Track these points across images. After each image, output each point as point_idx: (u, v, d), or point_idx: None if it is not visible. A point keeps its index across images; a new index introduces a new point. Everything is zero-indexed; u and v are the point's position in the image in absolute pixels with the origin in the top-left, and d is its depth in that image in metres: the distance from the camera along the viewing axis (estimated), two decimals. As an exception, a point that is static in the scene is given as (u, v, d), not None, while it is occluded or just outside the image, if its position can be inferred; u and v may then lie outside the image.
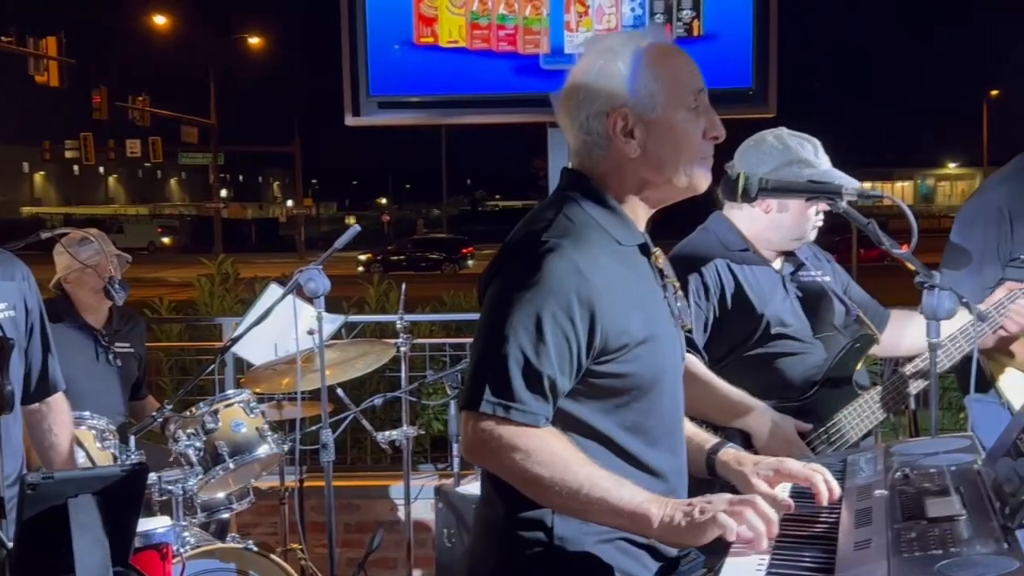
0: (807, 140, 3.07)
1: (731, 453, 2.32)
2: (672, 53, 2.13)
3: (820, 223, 3.13)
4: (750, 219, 3.14)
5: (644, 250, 2.16)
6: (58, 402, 3.28)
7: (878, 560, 1.70)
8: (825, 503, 2.09)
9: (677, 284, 2.25)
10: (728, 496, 1.95)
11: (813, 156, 3.03)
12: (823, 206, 3.05)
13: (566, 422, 2.02)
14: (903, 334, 3.33)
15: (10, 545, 1.97)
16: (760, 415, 2.89)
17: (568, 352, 1.96)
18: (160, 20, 38.91)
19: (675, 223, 3.21)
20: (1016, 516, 1.70)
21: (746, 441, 2.90)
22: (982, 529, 1.72)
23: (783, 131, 3.10)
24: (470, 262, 39.82)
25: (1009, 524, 1.70)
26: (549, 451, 1.94)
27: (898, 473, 2.06)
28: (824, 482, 2.11)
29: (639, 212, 2.16)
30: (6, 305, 3.03)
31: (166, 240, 54.94)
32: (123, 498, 2.08)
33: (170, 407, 3.94)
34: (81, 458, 3.55)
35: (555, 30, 4.83)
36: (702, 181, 2.13)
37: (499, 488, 2.07)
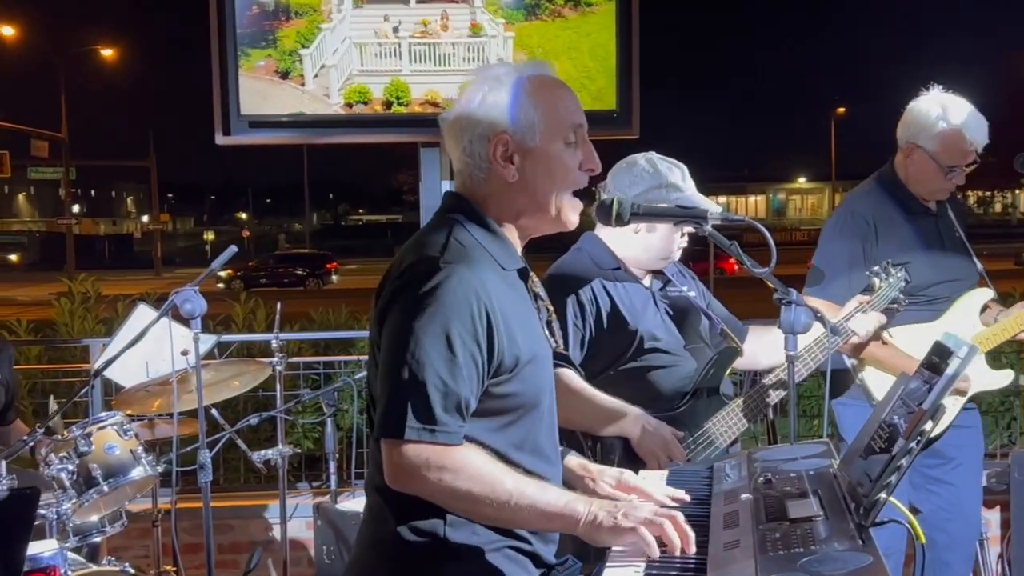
0: (676, 166, 3.26)
1: (575, 460, 2.47)
2: (555, 86, 2.25)
3: (684, 244, 3.32)
4: (621, 240, 3.29)
5: (523, 274, 2.26)
6: None
7: (746, 559, 1.83)
8: (670, 503, 2.25)
9: (551, 307, 2.37)
10: (652, 506, 2.10)
11: (681, 181, 3.22)
12: (689, 229, 3.23)
13: None
14: (762, 348, 3.52)
15: None
16: (636, 420, 3.01)
17: (476, 371, 2.04)
18: (7, 31, 37.48)
19: (547, 242, 3.34)
20: (869, 515, 1.85)
21: (627, 448, 3.03)
22: (839, 528, 1.87)
23: (654, 156, 3.28)
24: (334, 277, 39.42)
25: (863, 523, 1.85)
26: (474, 467, 2.03)
27: (761, 478, 2.21)
28: (662, 492, 2.30)
29: (515, 238, 2.26)
30: None
31: (13, 257, 52.81)
32: (13, 522, 2.08)
33: (41, 431, 3.87)
34: (-51, 485, 3.46)
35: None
36: (572, 215, 2.25)
37: (389, 501, 2.12)
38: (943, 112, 3.78)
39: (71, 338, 7.71)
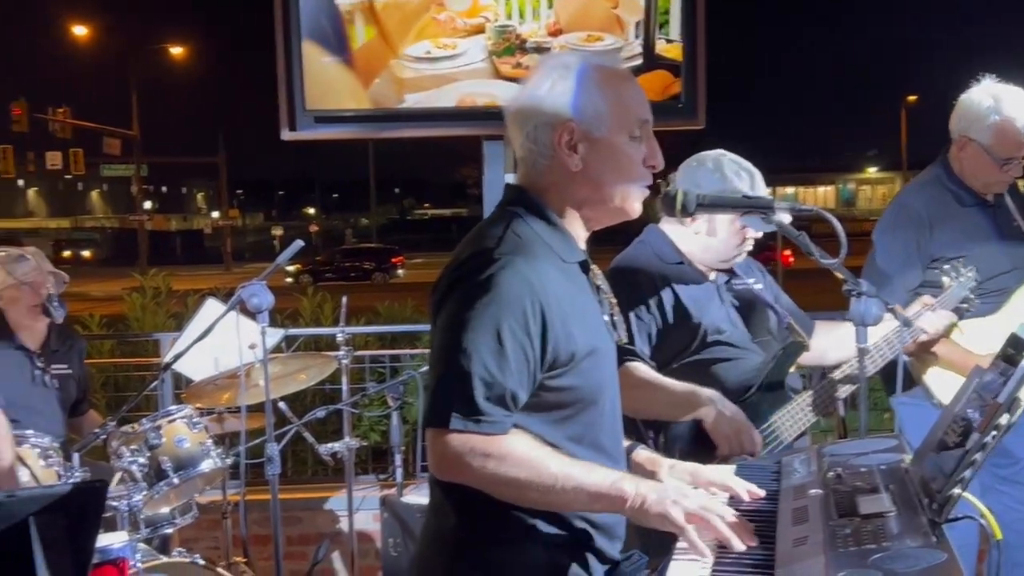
0: (745, 171, 3.16)
1: (644, 454, 2.44)
2: (623, 78, 2.23)
3: (749, 248, 3.25)
4: (684, 237, 3.25)
5: (584, 267, 2.24)
6: None
7: (816, 555, 1.80)
8: (746, 498, 2.22)
9: (614, 300, 2.34)
10: (704, 496, 2.08)
11: (748, 188, 3.12)
12: (755, 233, 3.17)
13: None
14: (830, 343, 3.46)
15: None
16: (711, 402, 2.96)
17: (526, 365, 2.03)
18: (80, 31, 38.24)
19: (612, 236, 3.32)
20: (942, 511, 1.81)
21: (693, 439, 3.00)
22: (911, 524, 1.82)
23: (724, 158, 3.18)
24: (400, 271, 39.70)
25: (936, 519, 1.81)
26: (520, 452, 2.02)
27: (831, 473, 2.17)
28: (739, 485, 2.26)
29: (578, 229, 2.24)
30: None
31: (86, 254, 53.79)
32: (82, 515, 2.11)
33: (113, 423, 3.93)
34: (25, 476, 3.54)
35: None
36: (635, 205, 2.22)
37: (450, 497, 2.13)
38: (995, 103, 3.69)
39: (142, 332, 7.85)
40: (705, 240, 3.22)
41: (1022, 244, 3.83)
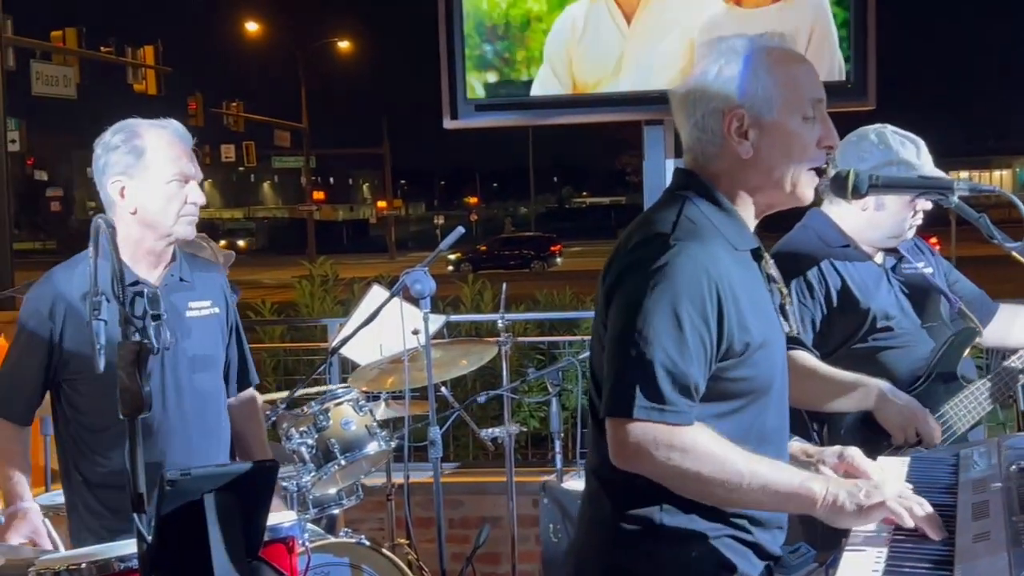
0: (910, 140, 3.05)
1: (796, 446, 2.37)
2: (794, 59, 2.16)
3: (919, 221, 3.11)
4: (848, 217, 3.12)
5: (756, 255, 2.19)
6: (255, 395, 3.44)
7: (998, 552, 1.71)
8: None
9: (785, 290, 2.27)
10: (898, 487, 2.02)
11: (915, 158, 3.01)
12: (925, 205, 3.04)
13: None
14: (1012, 325, 3.30)
15: (149, 539, 2.06)
16: (878, 391, 2.86)
17: (704, 352, 1.99)
18: (252, 27, 39.65)
19: (773, 219, 3.23)
20: None
21: (858, 429, 2.91)
22: (1101, 521, 1.72)
23: (887, 129, 3.07)
24: (559, 260, 39.85)
25: None
26: (704, 446, 1.97)
27: (1014, 467, 2.06)
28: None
29: (749, 216, 2.19)
30: (211, 302, 3.18)
31: (241, 243, 55.12)
32: (254, 493, 2.16)
33: (283, 406, 4.06)
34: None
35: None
36: (808, 190, 2.16)
37: (605, 484, 2.11)
38: None
39: (311, 318, 8.08)
40: (873, 216, 3.08)
41: None
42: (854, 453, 2.24)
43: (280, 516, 2.69)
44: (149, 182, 2.97)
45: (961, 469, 2.26)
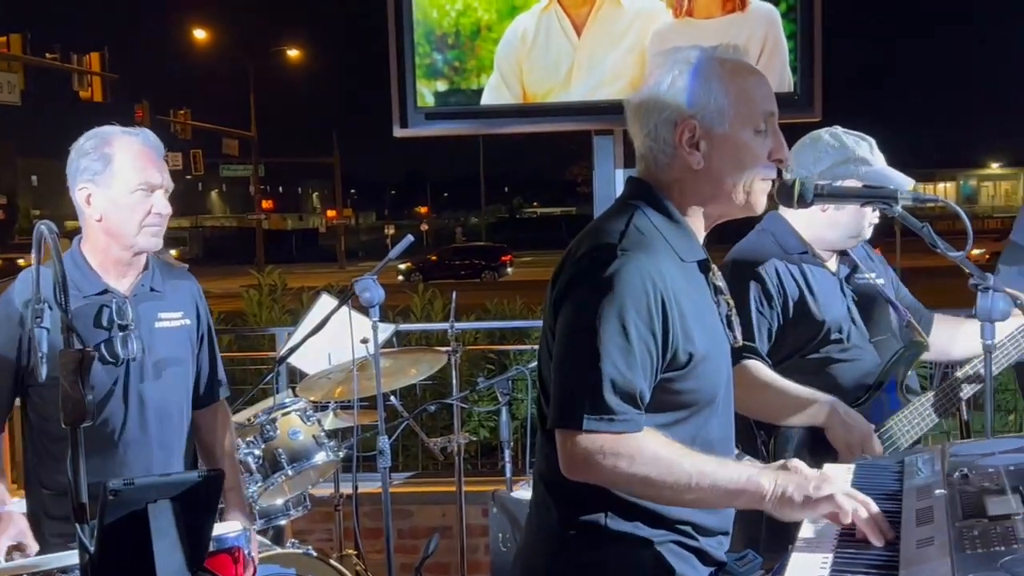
0: (862, 138, 3.08)
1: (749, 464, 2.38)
2: (747, 72, 2.17)
3: (876, 220, 3.11)
4: (807, 218, 3.11)
5: (703, 266, 2.20)
6: (224, 406, 3.41)
7: (941, 557, 1.72)
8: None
9: (732, 302, 2.28)
10: (846, 484, 2.04)
11: (869, 154, 3.04)
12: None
13: None
14: (955, 338, 3.31)
15: (91, 549, 2.03)
16: (829, 407, 2.88)
17: (650, 361, 2.00)
18: (200, 34, 39.30)
19: (727, 228, 3.24)
20: (1076, 514, 1.72)
21: (805, 440, 2.92)
22: (1042, 527, 1.74)
23: (838, 129, 3.11)
24: (509, 270, 39.84)
25: (1069, 521, 1.72)
26: (650, 451, 1.98)
27: (957, 473, 2.09)
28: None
29: (699, 225, 2.20)
30: (182, 314, 3.16)
31: (173, 252, 54.24)
32: (200, 503, 2.14)
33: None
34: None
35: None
36: (761, 199, 2.18)
37: (552, 491, 2.12)
38: None
39: (258, 327, 8.01)
40: (833, 215, 3.08)
41: None
42: (797, 464, 2.26)
43: (226, 526, 2.66)
44: (114, 190, 2.95)
45: (906, 476, 2.28)
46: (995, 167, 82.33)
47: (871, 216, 3.09)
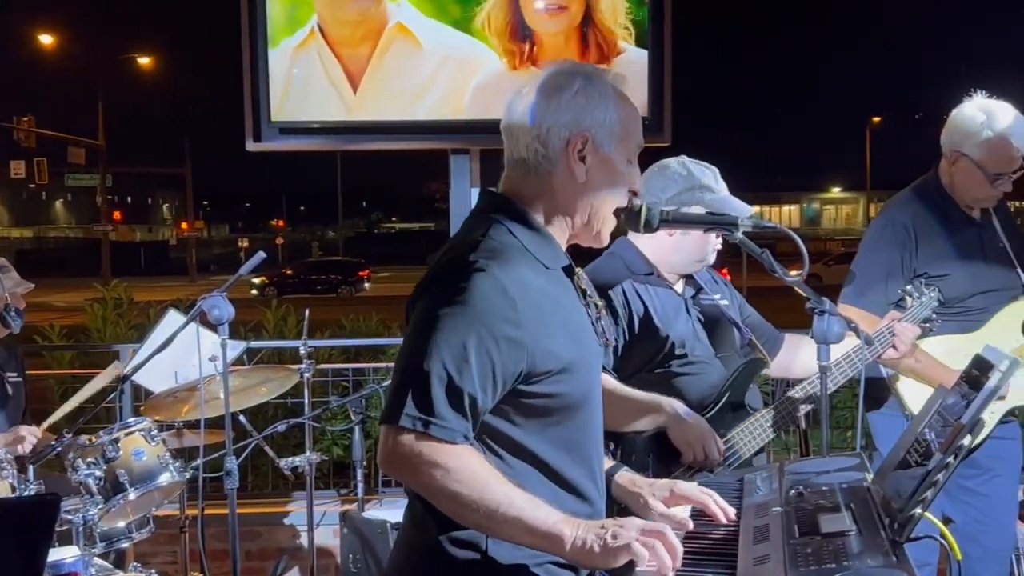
0: (707, 168, 3.24)
1: (627, 476, 2.43)
2: (630, 102, 2.23)
3: (719, 246, 3.28)
4: (654, 244, 3.26)
5: (568, 271, 2.23)
6: None
7: (776, 574, 1.79)
8: (724, 521, 2.20)
9: (600, 303, 2.33)
10: (640, 522, 2.00)
11: (713, 182, 3.20)
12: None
13: (497, 440, 2.08)
14: (795, 357, 3.50)
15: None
16: (671, 410, 2.96)
17: (491, 372, 1.99)
18: (46, 40, 37.94)
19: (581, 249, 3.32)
20: (903, 531, 1.80)
21: (649, 447, 3.01)
22: (872, 543, 1.81)
23: (685, 159, 3.27)
24: (367, 285, 39.57)
25: (897, 538, 1.80)
26: (469, 470, 1.97)
27: (793, 491, 2.16)
28: (715, 504, 2.24)
29: (563, 238, 2.22)
30: None
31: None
32: (34, 529, 2.07)
33: (70, 435, 3.87)
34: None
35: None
36: (607, 230, 2.23)
37: (433, 510, 2.07)
38: (988, 119, 3.71)
39: (102, 343, 7.75)
40: (679, 240, 3.23)
41: (1006, 264, 3.84)
42: (685, 488, 2.31)
43: (63, 551, 2.57)
44: None
45: (745, 494, 2.35)
46: (836, 191, 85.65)
47: (715, 242, 3.23)
